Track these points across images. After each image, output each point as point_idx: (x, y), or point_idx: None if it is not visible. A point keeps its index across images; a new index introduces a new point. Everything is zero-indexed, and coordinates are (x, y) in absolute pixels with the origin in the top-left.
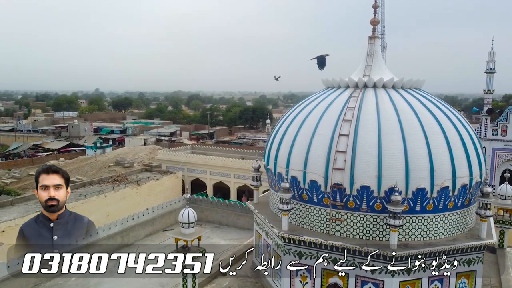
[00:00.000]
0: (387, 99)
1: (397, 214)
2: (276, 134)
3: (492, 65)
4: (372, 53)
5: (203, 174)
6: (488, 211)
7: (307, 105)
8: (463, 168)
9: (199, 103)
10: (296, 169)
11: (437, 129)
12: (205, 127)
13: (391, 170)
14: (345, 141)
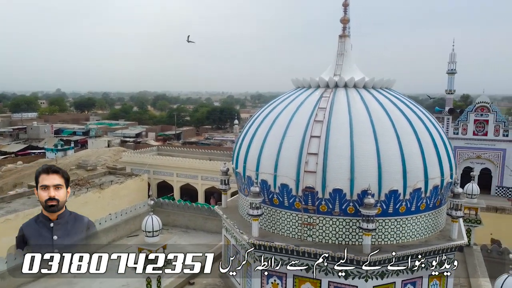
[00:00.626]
0: (359, 99)
1: (370, 218)
2: (245, 136)
3: (453, 66)
4: (342, 52)
5: (169, 176)
6: (459, 212)
7: (277, 105)
8: (434, 169)
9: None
10: (266, 172)
11: (409, 129)
12: (172, 127)
13: (364, 172)
14: (317, 143)
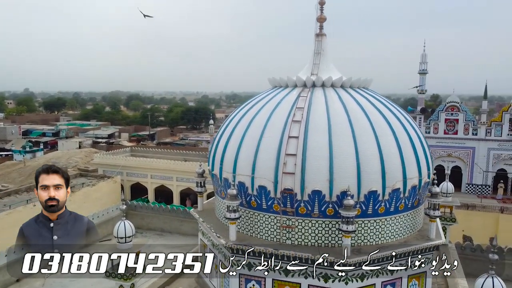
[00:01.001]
0: (337, 98)
1: (350, 219)
2: (221, 137)
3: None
4: (319, 51)
5: (143, 178)
6: (437, 211)
7: (253, 105)
8: (412, 169)
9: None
10: (244, 174)
11: (387, 129)
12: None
13: (343, 173)
14: (295, 144)
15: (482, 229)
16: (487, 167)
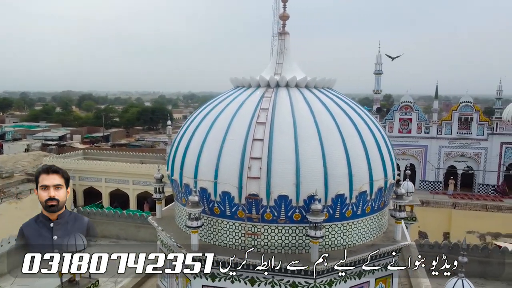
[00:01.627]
0: (301, 99)
1: (318, 224)
2: (181, 140)
3: (379, 67)
4: (282, 50)
5: (97, 182)
6: (402, 213)
7: (215, 106)
8: (378, 170)
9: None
10: (206, 180)
11: (353, 131)
12: (100, 129)
13: (310, 177)
14: (260, 147)
15: (436, 225)
16: (439, 164)
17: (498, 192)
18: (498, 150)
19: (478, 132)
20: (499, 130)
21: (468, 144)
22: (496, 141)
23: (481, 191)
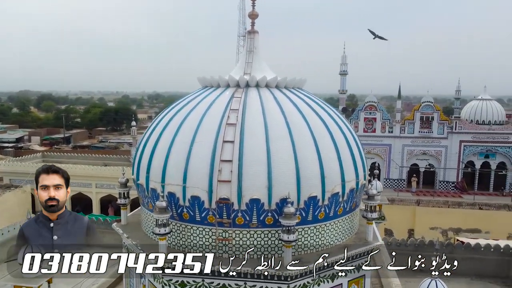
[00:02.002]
0: (272, 99)
1: (291, 228)
2: (147, 142)
3: (345, 68)
4: (252, 49)
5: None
6: (374, 214)
7: (183, 106)
8: (350, 171)
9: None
10: (174, 184)
11: (324, 131)
12: (60, 130)
13: (282, 179)
14: (231, 149)
15: (401, 222)
16: (402, 163)
17: (458, 188)
18: (457, 148)
19: (438, 131)
20: (458, 129)
21: (430, 143)
22: (456, 140)
23: (442, 187)
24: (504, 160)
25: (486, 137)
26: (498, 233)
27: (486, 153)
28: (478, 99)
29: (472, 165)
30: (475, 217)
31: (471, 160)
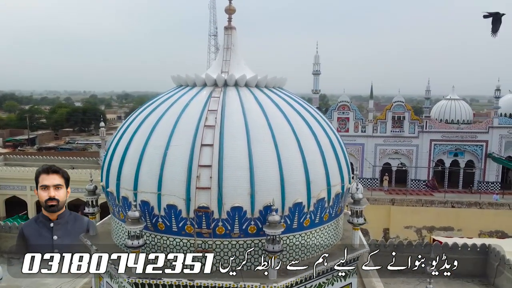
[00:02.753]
0: (252, 99)
1: (276, 237)
2: (118, 145)
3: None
4: (229, 46)
5: (21, 190)
6: (360, 219)
7: (156, 107)
8: (335, 175)
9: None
10: (148, 191)
11: (308, 134)
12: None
13: (266, 185)
14: (209, 153)
15: (377, 222)
16: (375, 162)
17: (429, 186)
18: (428, 147)
19: (410, 130)
20: (429, 128)
21: (401, 142)
22: (426, 139)
23: (413, 186)
24: (472, 158)
25: (455, 136)
26: (470, 231)
27: (455, 151)
28: (447, 99)
29: (442, 164)
30: (448, 215)
31: (441, 158)
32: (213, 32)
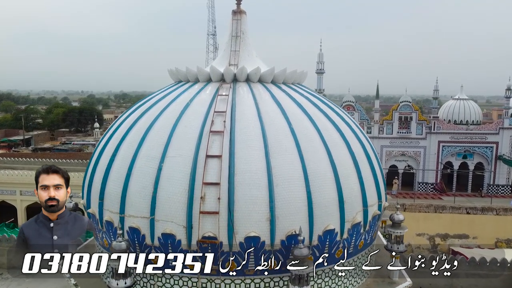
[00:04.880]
0: (269, 98)
1: (303, 276)
2: (100, 157)
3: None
4: (238, 34)
5: (10, 195)
6: (401, 245)
7: (149, 108)
8: (372, 192)
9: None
10: (138, 216)
11: (339, 141)
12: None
13: (289, 208)
14: (217, 166)
15: None
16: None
17: (437, 190)
18: (436, 149)
19: (417, 131)
20: (437, 129)
21: (408, 143)
22: (434, 140)
23: (421, 189)
24: (481, 160)
25: (464, 137)
26: (486, 239)
27: (464, 153)
28: (455, 99)
29: (450, 166)
30: (462, 221)
31: (449, 160)
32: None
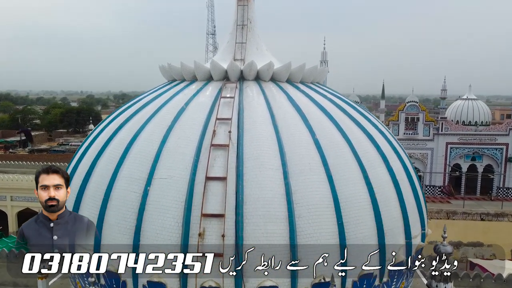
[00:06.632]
0: (286, 101)
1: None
2: (73, 176)
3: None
4: (245, 22)
5: (1, 200)
6: (449, 284)
7: (134, 114)
8: (415, 220)
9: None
10: (117, 256)
11: (376, 158)
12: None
13: (316, 248)
14: (220, 191)
15: None
16: None
17: (445, 193)
18: (443, 151)
19: (424, 132)
20: (445, 130)
21: (415, 145)
22: (442, 142)
23: (428, 192)
24: (491, 162)
25: (473, 138)
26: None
27: (472, 155)
28: (464, 99)
29: (459, 168)
30: (476, 228)
31: (458, 163)
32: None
